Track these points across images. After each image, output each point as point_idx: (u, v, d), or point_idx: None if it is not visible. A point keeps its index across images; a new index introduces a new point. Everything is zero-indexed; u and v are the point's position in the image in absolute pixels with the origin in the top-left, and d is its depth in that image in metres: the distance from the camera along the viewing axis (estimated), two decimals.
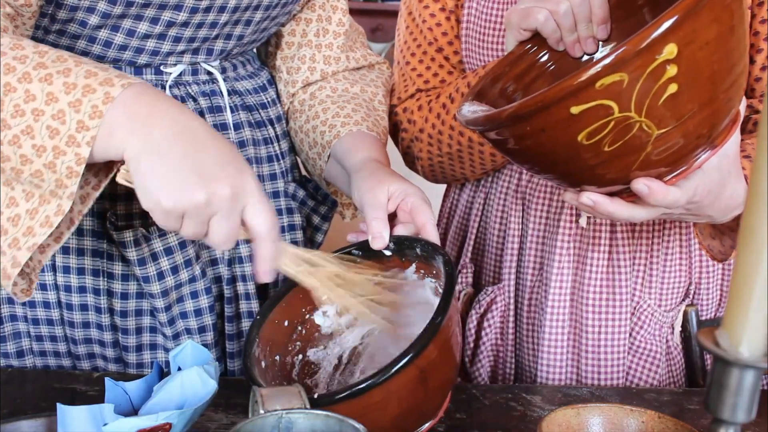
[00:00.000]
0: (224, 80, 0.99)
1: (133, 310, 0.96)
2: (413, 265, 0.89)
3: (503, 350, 1.10)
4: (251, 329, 0.84)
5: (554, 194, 1.05)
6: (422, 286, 0.89)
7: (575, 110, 0.69)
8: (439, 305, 0.76)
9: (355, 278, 0.83)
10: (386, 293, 0.85)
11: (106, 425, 0.63)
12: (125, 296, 0.95)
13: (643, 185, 0.75)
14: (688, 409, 0.92)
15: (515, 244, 1.08)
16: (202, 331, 0.98)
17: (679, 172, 0.76)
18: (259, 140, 1.03)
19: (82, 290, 0.95)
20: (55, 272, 0.94)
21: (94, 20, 0.86)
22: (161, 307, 0.94)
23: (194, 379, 0.70)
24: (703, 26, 0.68)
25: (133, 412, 0.75)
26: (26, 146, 0.69)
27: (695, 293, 1.06)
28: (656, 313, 1.04)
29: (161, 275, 0.93)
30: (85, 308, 0.95)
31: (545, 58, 0.91)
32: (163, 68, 0.94)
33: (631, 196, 0.78)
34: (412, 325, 0.87)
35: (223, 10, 0.91)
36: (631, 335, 1.04)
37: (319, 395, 0.72)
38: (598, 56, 0.89)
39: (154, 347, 0.98)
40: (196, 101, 0.96)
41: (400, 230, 0.89)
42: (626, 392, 0.96)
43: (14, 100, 0.69)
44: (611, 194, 0.79)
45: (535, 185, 1.06)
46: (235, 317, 1.01)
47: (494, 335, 1.09)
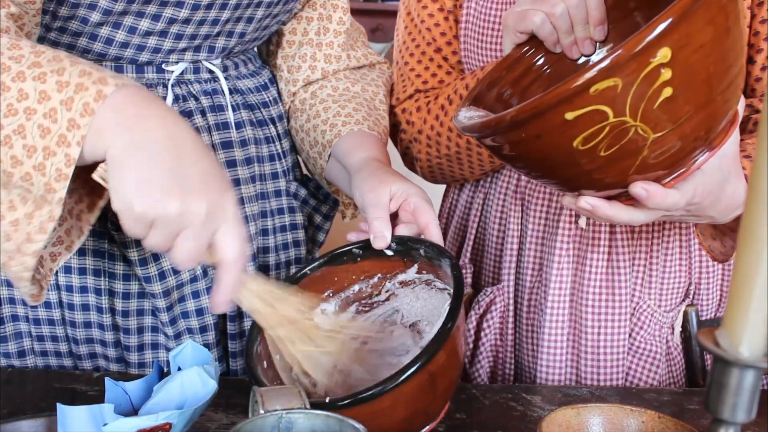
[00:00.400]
0: (226, 79, 0.99)
1: (134, 309, 0.96)
2: (415, 265, 0.89)
3: (502, 351, 1.10)
4: (252, 327, 0.84)
5: (553, 195, 1.05)
6: (401, 333, 0.89)
7: (570, 116, 0.68)
8: (449, 310, 0.77)
9: (307, 326, 0.79)
10: (345, 343, 0.82)
11: (106, 425, 0.63)
12: (127, 296, 0.95)
13: (641, 189, 0.75)
14: (688, 409, 0.92)
15: (514, 244, 1.08)
16: (203, 330, 0.98)
17: (677, 174, 0.75)
18: (260, 139, 1.03)
19: (83, 290, 0.95)
20: (56, 272, 0.94)
21: (95, 17, 0.86)
22: (163, 306, 0.94)
23: (194, 379, 0.70)
24: (697, 29, 0.67)
25: (133, 412, 0.75)
26: (17, 147, 0.67)
27: (695, 293, 1.06)
28: (656, 313, 1.04)
29: (163, 275, 0.93)
30: (86, 308, 0.95)
31: (542, 61, 0.91)
32: (164, 66, 0.94)
33: (629, 199, 0.78)
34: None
35: (224, 7, 0.91)
36: (630, 336, 1.04)
37: (330, 399, 0.71)
38: (595, 58, 0.89)
39: (155, 347, 0.98)
40: (197, 100, 0.96)
41: (402, 230, 0.89)
42: (626, 392, 0.96)
43: (8, 99, 0.67)
44: (610, 197, 0.78)
45: (534, 186, 1.06)
46: (236, 316, 1.01)
47: (494, 336, 1.09)
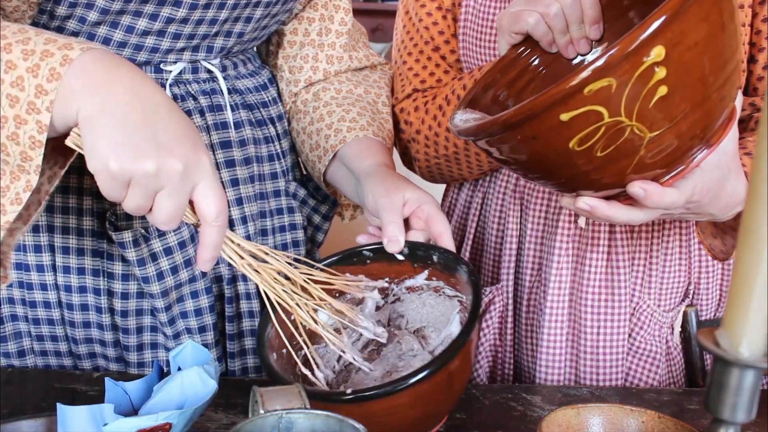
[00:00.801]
0: (224, 78, 0.99)
1: (133, 309, 0.96)
2: (426, 271, 0.89)
3: (501, 351, 1.10)
4: (263, 315, 0.84)
5: (553, 194, 1.05)
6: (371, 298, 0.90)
7: (565, 117, 0.68)
8: (470, 313, 0.77)
9: (300, 280, 0.81)
10: (335, 301, 0.83)
11: (106, 425, 0.63)
12: (125, 296, 0.95)
13: (639, 188, 0.74)
14: (688, 409, 0.92)
15: (514, 244, 1.07)
16: (202, 330, 0.98)
17: (675, 172, 0.75)
18: (259, 139, 1.03)
19: (82, 290, 0.95)
20: (55, 272, 0.94)
21: (93, 16, 0.86)
22: (161, 307, 0.94)
23: (194, 379, 0.70)
24: (691, 26, 0.66)
25: (133, 412, 0.74)
26: None
27: (695, 293, 1.06)
28: (656, 313, 1.04)
29: (161, 275, 0.93)
30: (85, 308, 0.95)
31: (537, 61, 0.90)
32: (163, 66, 0.94)
33: (628, 198, 0.77)
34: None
35: (222, 6, 0.90)
36: (630, 336, 1.04)
37: (353, 391, 0.72)
38: (590, 58, 0.89)
39: (155, 346, 0.98)
40: (196, 100, 0.96)
41: (413, 237, 0.90)
42: (626, 392, 0.96)
43: None
44: (608, 197, 0.78)
45: (533, 185, 1.06)
46: (235, 317, 1.01)
47: (492, 336, 1.09)
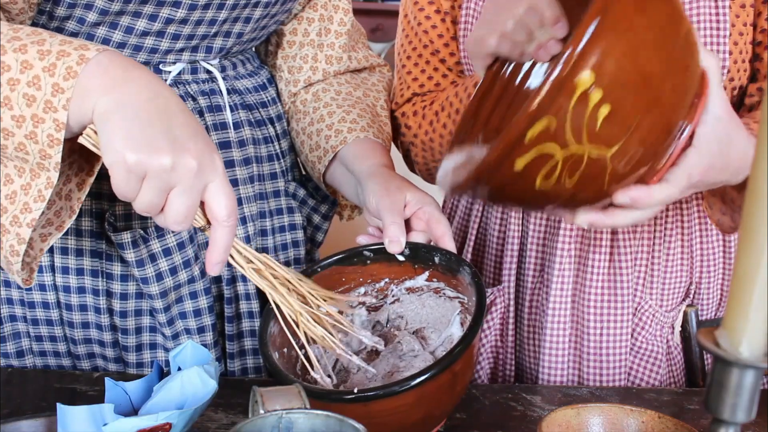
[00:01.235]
0: (224, 79, 0.99)
1: (132, 310, 0.96)
2: (426, 272, 0.89)
3: (503, 352, 1.10)
4: (266, 312, 0.84)
5: None
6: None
7: (519, 165, 0.67)
8: (475, 314, 0.77)
9: (304, 290, 0.82)
10: (334, 311, 0.84)
11: (106, 425, 0.63)
12: (124, 297, 0.95)
13: (624, 197, 0.74)
14: (688, 409, 0.92)
15: (515, 245, 1.07)
16: (201, 331, 0.98)
17: (661, 166, 0.73)
18: (259, 139, 1.03)
19: (81, 291, 0.95)
20: (54, 273, 0.94)
21: (92, 17, 0.86)
22: (160, 307, 0.94)
23: (194, 379, 0.70)
24: (611, 43, 0.64)
25: (133, 412, 0.74)
26: (6, 118, 0.68)
27: (695, 293, 1.06)
28: (657, 313, 1.04)
29: (160, 276, 0.93)
30: (84, 308, 0.95)
31: (519, 79, 0.90)
32: (162, 67, 0.94)
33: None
34: None
35: (221, 7, 0.90)
36: (632, 336, 1.04)
37: (358, 390, 0.72)
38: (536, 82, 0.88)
39: (154, 347, 0.98)
40: (195, 100, 0.96)
41: (414, 238, 0.90)
42: (626, 392, 0.96)
43: None
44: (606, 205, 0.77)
45: None
46: (234, 317, 1.01)
47: (494, 337, 1.09)
